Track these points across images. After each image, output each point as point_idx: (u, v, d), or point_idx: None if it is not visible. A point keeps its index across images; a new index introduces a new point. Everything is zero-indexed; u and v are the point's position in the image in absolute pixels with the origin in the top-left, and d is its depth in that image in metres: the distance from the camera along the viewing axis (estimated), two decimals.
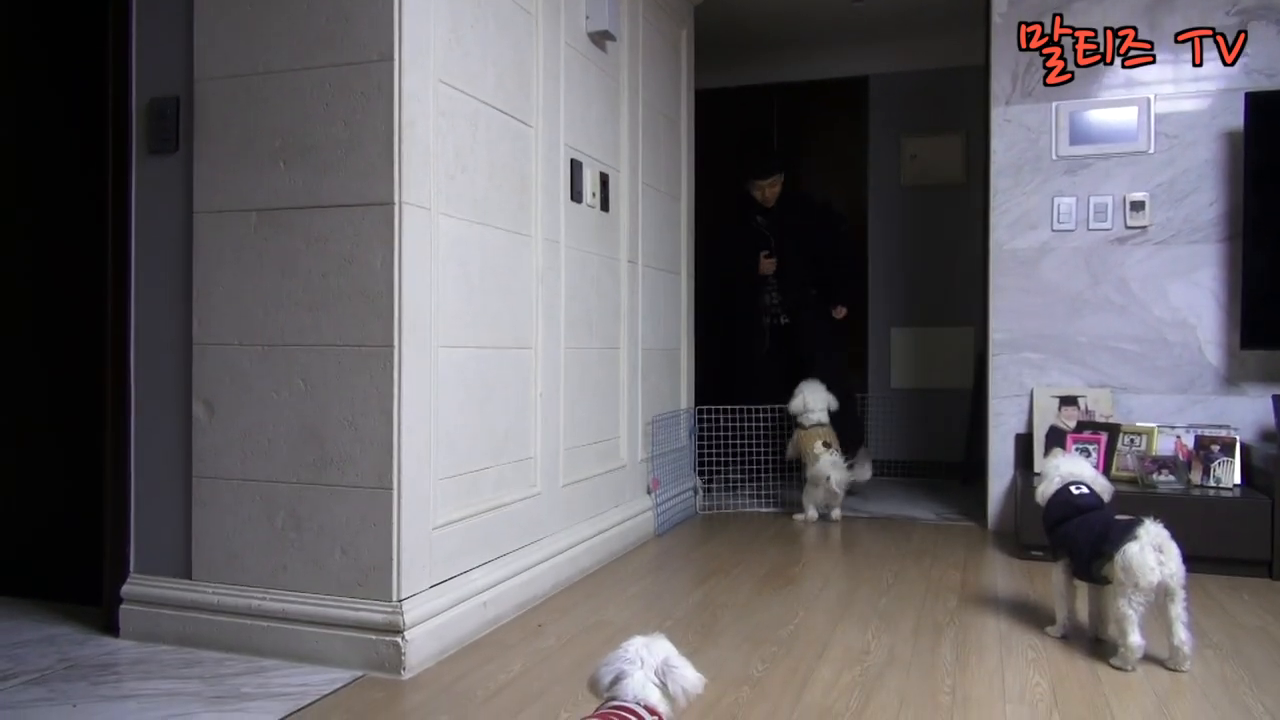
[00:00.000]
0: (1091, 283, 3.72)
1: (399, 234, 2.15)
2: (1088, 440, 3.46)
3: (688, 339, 4.21)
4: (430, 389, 2.27)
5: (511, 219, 2.69)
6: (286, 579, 2.24)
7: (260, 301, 2.27)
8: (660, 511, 3.74)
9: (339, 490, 2.19)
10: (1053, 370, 3.77)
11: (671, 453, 3.95)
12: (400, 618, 2.13)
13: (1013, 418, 3.81)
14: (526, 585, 2.68)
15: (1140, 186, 3.66)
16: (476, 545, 2.48)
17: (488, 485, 2.56)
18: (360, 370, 2.17)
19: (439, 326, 2.31)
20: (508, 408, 2.67)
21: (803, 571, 3.14)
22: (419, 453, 2.22)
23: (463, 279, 2.43)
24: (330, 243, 2.20)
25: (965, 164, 5.37)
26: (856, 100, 5.62)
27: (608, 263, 3.35)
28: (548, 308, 2.88)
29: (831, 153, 5.72)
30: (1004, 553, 3.44)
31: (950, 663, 2.24)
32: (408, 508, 2.18)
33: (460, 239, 2.42)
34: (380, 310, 2.15)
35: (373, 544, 2.16)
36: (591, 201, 3.19)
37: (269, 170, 2.25)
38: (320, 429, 2.21)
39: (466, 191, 2.45)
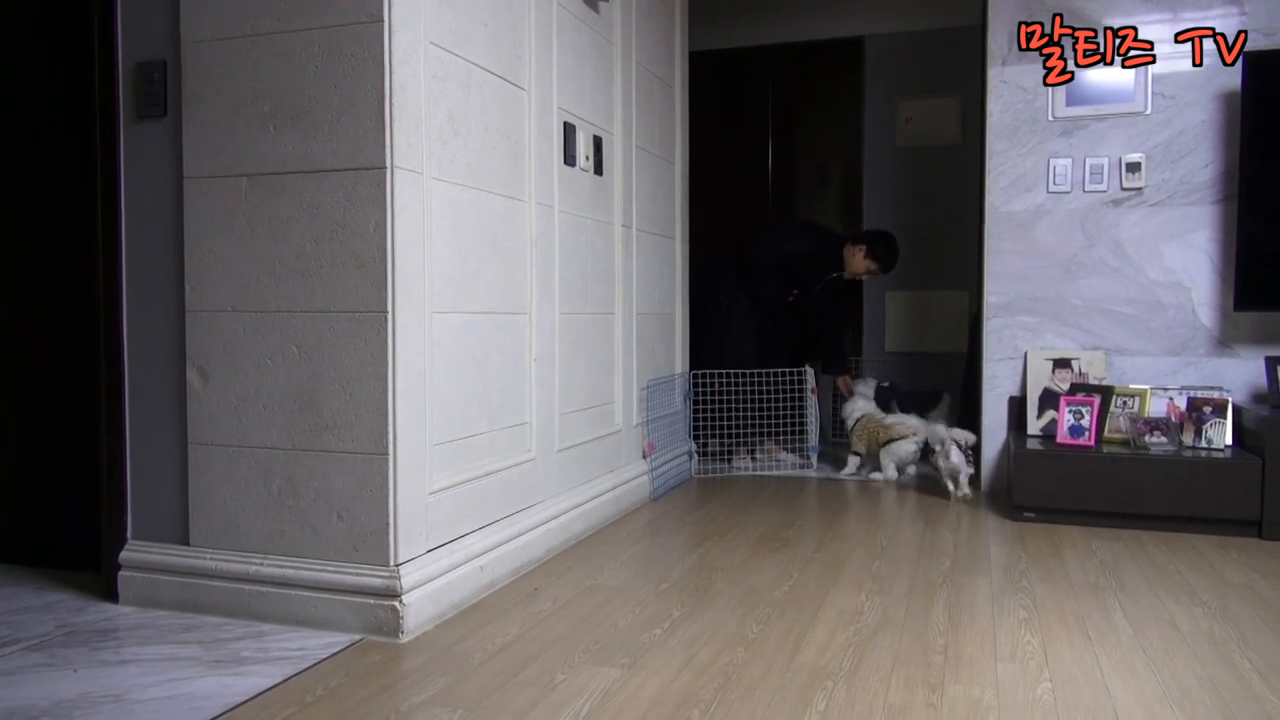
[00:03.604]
0: (1086, 245, 3.72)
1: (391, 198, 2.14)
2: (1081, 403, 3.48)
3: (682, 303, 4.21)
4: (424, 354, 2.27)
5: (505, 183, 2.67)
6: (284, 544, 2.25)
7: (252, 268, 2.26)
8: (655, 476, 3.76)
9: (335, 456, 2.20)
10: (1047, 333, 3.77)
11: (666, 417, 3.96)
12: (398, 582, 2.15)
13: (1007, 380, 3.83)
14: (522, 550, 2.70)
15: (1136, 148, 3.65)
16: (472, 510, 2.49)
17: (483, 450, 2.57)
18: (354, 336, 2.17)
19: (432, 291, 2.31)
20: (502, 373, 2.67)
21: (797, 535, 3.16)
22: (414, 418, 2.23)
23: (456, 244, 2.43)
24: (322, 208, 2.19)
25: (961, 126, 5.35)
26: (852, 61, 5.58)
27: (602, 227, 3.34)
28: (542, 272, 2.88)
29: (827, 115, 5.68)
30: (997, 514, 3.46)
31: (943, 623, 2.26)
32: (403, 473, 2.19)
33: (453, 203, 2.41)
34: (373, 275, 2.15)
35: (369, 509, 2.18)
36: (585, 165, 3.18)
37: (259, 135, 2.24)
38: (315, 395, 2.21)
39: (459, 155, 2.43)
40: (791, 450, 4.46)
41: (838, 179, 5.77)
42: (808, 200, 5.78)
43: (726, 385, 4.28)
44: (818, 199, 5.79)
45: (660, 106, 3.92)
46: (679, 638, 2.17)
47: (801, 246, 4.45)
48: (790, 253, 4.44)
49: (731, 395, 4.28)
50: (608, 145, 3.37)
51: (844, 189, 5.72)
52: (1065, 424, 3.48)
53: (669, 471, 3.94)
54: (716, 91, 5.63)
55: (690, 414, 4.24)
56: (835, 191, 5.78)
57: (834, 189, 5.79)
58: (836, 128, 5.67)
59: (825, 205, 5.76)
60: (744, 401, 4.30)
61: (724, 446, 4.46)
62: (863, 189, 5.58)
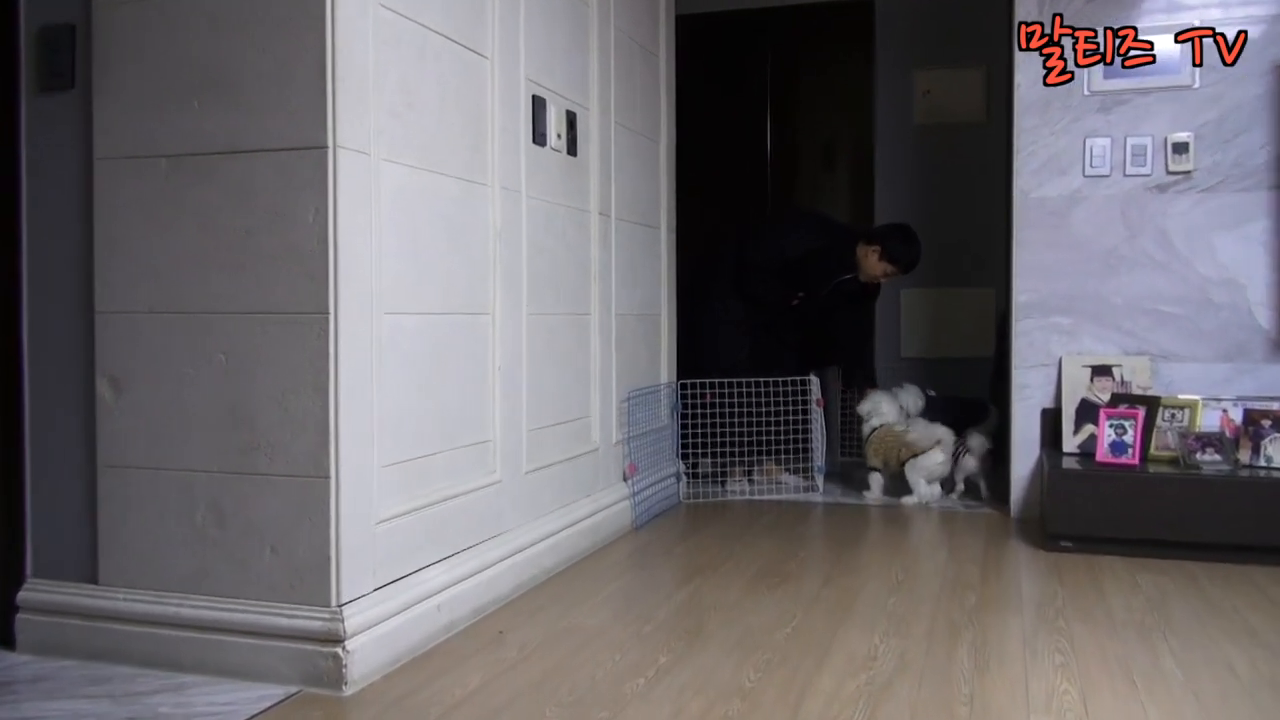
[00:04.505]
0: (1128, 236, 3.74)
1: (334, 183, 2.13)
2: (1123, 416, 3.50)
3: (669, 303, 4.21)
4: (372, 362, 2.26)
5: (465, 165, 2.67)
6: (209, 582, 2.24)
7: (173, 263, 2.24)
8: (638, 501, 3.76)
9: (268, 480, 2.18)
10: (1084, 336, 3.79)
11: (651, 433, 3.96)
12: (340, 625, 2.13)
13: (1039, 390, 3.84)
14: (485, 587, 2.68)
15: (1184, 126, 3.68)
16: (427, 542, 2.48)
17: (439, 473, 2.56)
18: (290, 341, 2.16)
19: (381, 290, 2.30)
20: (462, 383, 2.66)
21: (800, 568, 3.16)
22: (359, 436, 2.22)
23: (409, 234, 2.42)
24: (254, 193, 2.18)
25: (986, 100, 5.38)
26: (862, 28, 5.60)
27: (576, 215, 3.34)
28: (507, 267, 2.87)
29: (834, 88, 5.71)
30: (1029, 543, 3.48)
31: (968, 669, 2.26)
32: (347, 499, 2.18)
33: (405, 188, 2.40)
34: (313, 271, 2.14)
35: (307, 541, 2.16)
36: (557, 144, 3.17)
37: (182, 109, 2.22)
38: (245, 409, 2.20)
39: (412, 133, 2.43)
40: (794, 471, 4.46)
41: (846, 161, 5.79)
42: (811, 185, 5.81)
43: (720, 397, 4.28)
44: (823, 183, 5.81)
45: (643, 78, 3.92)
46: (665, 688, 2.16)
47: (806, 244, 4.45)
48: (793, 252, 4.44)
49: (725, 408, 4.28)
50: (583, 122, 3.37)
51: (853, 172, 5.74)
52: (1105, 440, 3.50)
53: (654, 496, 3.94)
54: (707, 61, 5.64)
55: (678, 430, 4.24)
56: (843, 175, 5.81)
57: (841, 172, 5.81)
58: (844, 103, 5.70)
59: (832, 190, 5.78)
60: (740, 416, 4.29)
61: (717, 467, 4.46)
62: (874, 172, 5.60)
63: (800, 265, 4.44)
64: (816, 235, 4.49)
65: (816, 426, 4.31)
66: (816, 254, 4.43)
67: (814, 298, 4.49)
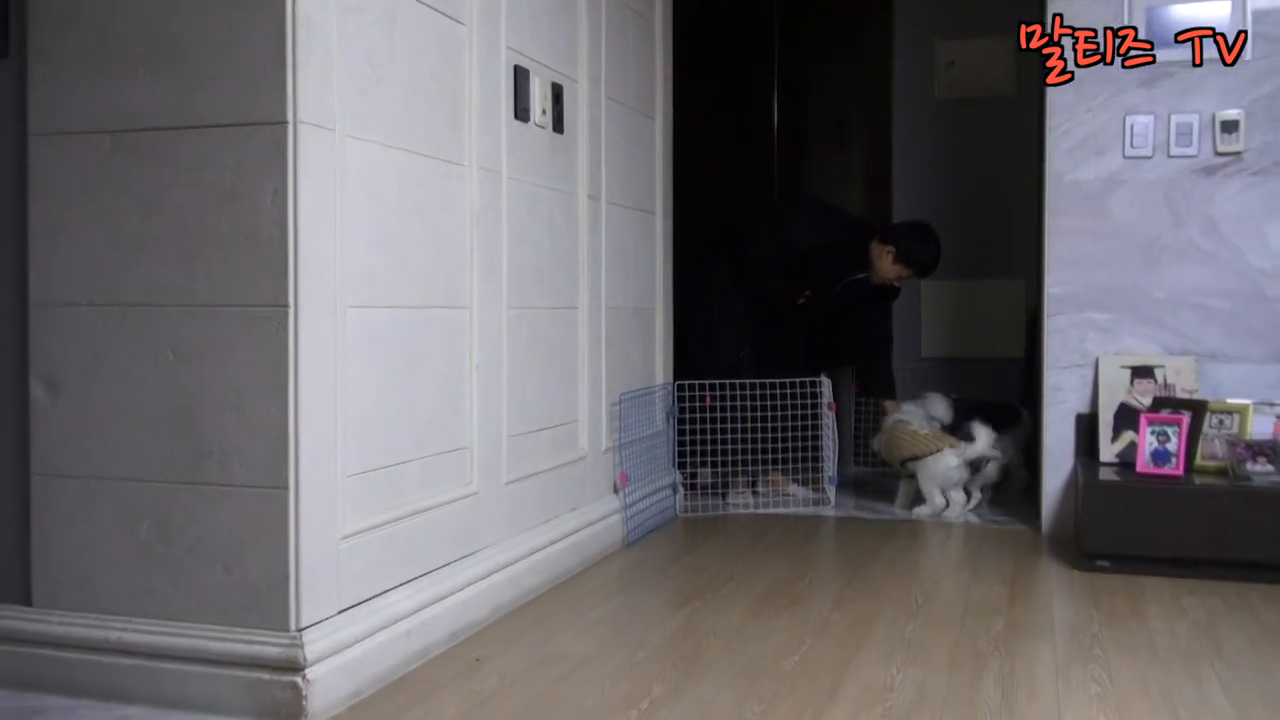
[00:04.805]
0: (1173, 223, 3.75)
1: (294, 162, 2.13)
2: (1166, 422, 3.50)
3: (665, 295, 4.21)
4: (336, 360, 2.26)
5: (439, 143, 2.67)
6: (155, 604, 2.23)
7: (117, 249, 2.24)
8: (631, 515, 3.76)
9: (220, 491, 2.18)
10: (1123, 334, 3.80)
11: (645, 440, 3.96)
12: (300, 651, 2.13)
13: (1073, 393, 3.85)
14: (461, 609, 2.69)
15: (1234, 102, 3.69)
16: (397, 559, 2.48)
17: (410, 483, 2.56)
18: (246, 337, 2.16)
19: (347, 280, 2.30)
20: (435, 385, 2.66)
21: (810, 589, 3.16)
22: (322, 442, 2.22)
23: (377, 219, 2.42)
24: (206, 173, 2.17)
25: (1015, 72, 5.38)
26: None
27: (562, 199, 3.34)
28: (486, 256, 2.87)
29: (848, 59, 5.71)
30: (1062, 563, 3.48)
31: (994, 702, 2.27)
32: (308, 512, 2.17)
33: (373, 168, 2.40)
34: (271, 260, 2.14)
35: (264, 559, 2.16)
36: (541, 120, 3.18)
37: (127, 80, 2.22)
38: (196, 413, 2.20)
39: (382, 108, 2.42)
40: (803, 482, 4.47)
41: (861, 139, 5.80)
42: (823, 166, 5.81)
43: (721, 400, 4.28)
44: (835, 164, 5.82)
45: (637, 47, 3.93)
46: None
47: (814, 239, 4.45)
48: (799, 247, 4.44)
49: (727, 413, 4.28)
50: (570, 95, 3.37)
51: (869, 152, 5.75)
52: (1147, 448, 3.51)
53: (648, 510, 3.94)
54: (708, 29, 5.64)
55: (675, 436, 4.24)
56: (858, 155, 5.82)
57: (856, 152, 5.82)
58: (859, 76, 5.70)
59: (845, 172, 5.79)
60: (743, 421, 4.30)
61: (718, 478, 4.46)
62: (892, 152, 5.61)
63: (807, 261, 4.44)
64: (826, 229, 4.48)
65: (828, 433, 4.32)
66: (825, 250, 4.43)
67: (822, 297, 4.49)
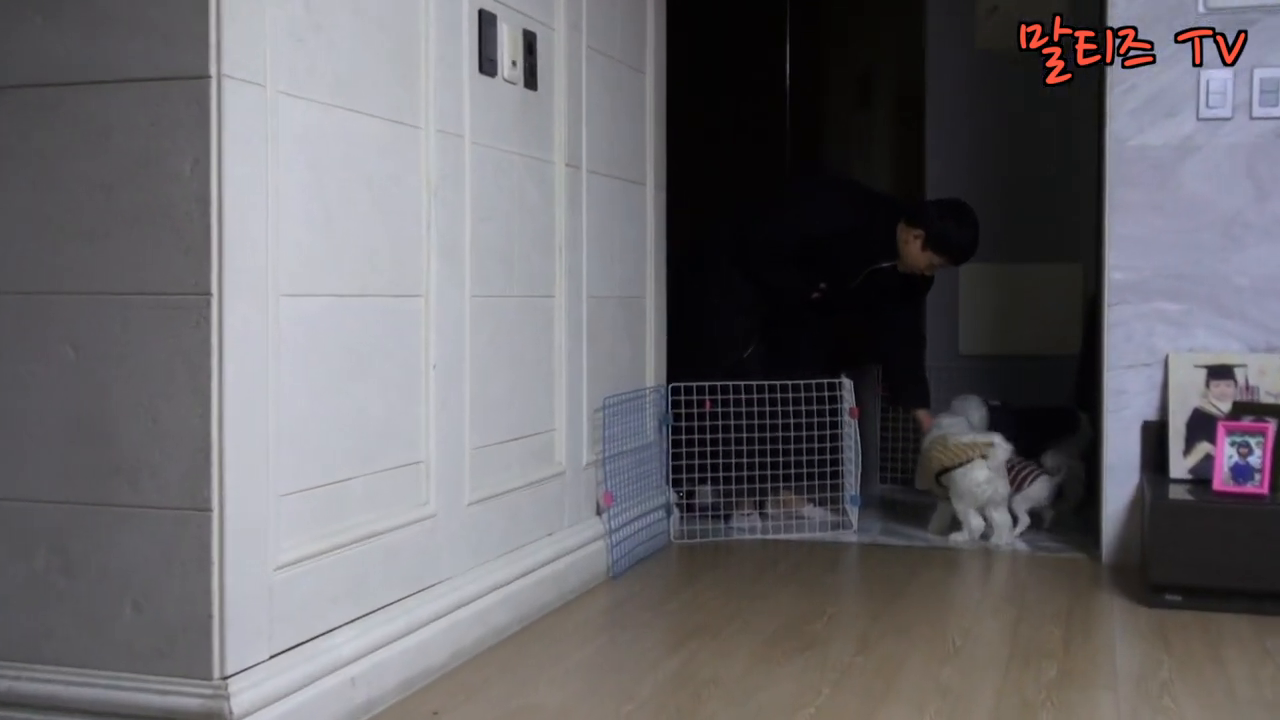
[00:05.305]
0: (1256, 197, 3.76)
1: (218, 123, 2.12)
2: (1248, 431, 3.51)
3: (657, 282, 4.21)
4: (267, 359, 2.25)
5: (390, 102, 2.66)
6: (53, 647, 2.22)
7: (6, 227, 2.23)
8: (617, 542, 3.76)
9: (130, 513, 2.18)
10: (1197, 328, 3.81)
11: (633, 453, 3.96)
12: (225, 703, 2.13)
13: (1138, 398, 3.86)
14: (416, 654, 2.68)
15: None
16: (340, 594, 2.48)
17: (356, 504, 2.56)
18: (161, 331, 2.15)
19: (280, 264, 2.29)
20: (385, 387, 2.66)
21: (828, 629, 3.17)
22: (251, 456, 2.21)
23: (317, 192, 2.41)
24: (113, 137, 2.16)
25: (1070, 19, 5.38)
26: None
27: (536, 167, 3.34)
28: (445, 236, 2.87)
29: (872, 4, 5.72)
30: (1125, 596, 3.49)
31: None
32: (234, 539, 2.17)
33: (312, 131, 2.40)
34: (190, 239, 2.13)
35: (182, 594, 2.15)
36: (511, 74, 3.17)
37: (18, 27, 2.21)
38: (100, 421, 2.19)
39: (321, 60, 2.42)
40: (821, 503, 4.47)
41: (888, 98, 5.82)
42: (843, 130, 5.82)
43: (723, 405, 4.28)
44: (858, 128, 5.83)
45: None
46: None
47: (830, 222, 4.45)
48: (813, 232, 4.44)
49: (730, 420, 4.28)
50: (545, 45, 3.37)
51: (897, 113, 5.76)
52: (1225, 462, 3.52)
53: (637, 535, 3.94)
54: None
55: (669, 448, 4.24)
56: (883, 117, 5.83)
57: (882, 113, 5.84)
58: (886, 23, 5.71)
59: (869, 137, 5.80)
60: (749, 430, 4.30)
61: (719, 497, 4.46)
62: (924, 114, 5.61)
63: (822, 249, 4.43)
64: (844, 210, 4.48)
65: (850, 444, 4.32)
66: (844, 235, 4.42)
67: (841, 289, 4.49)
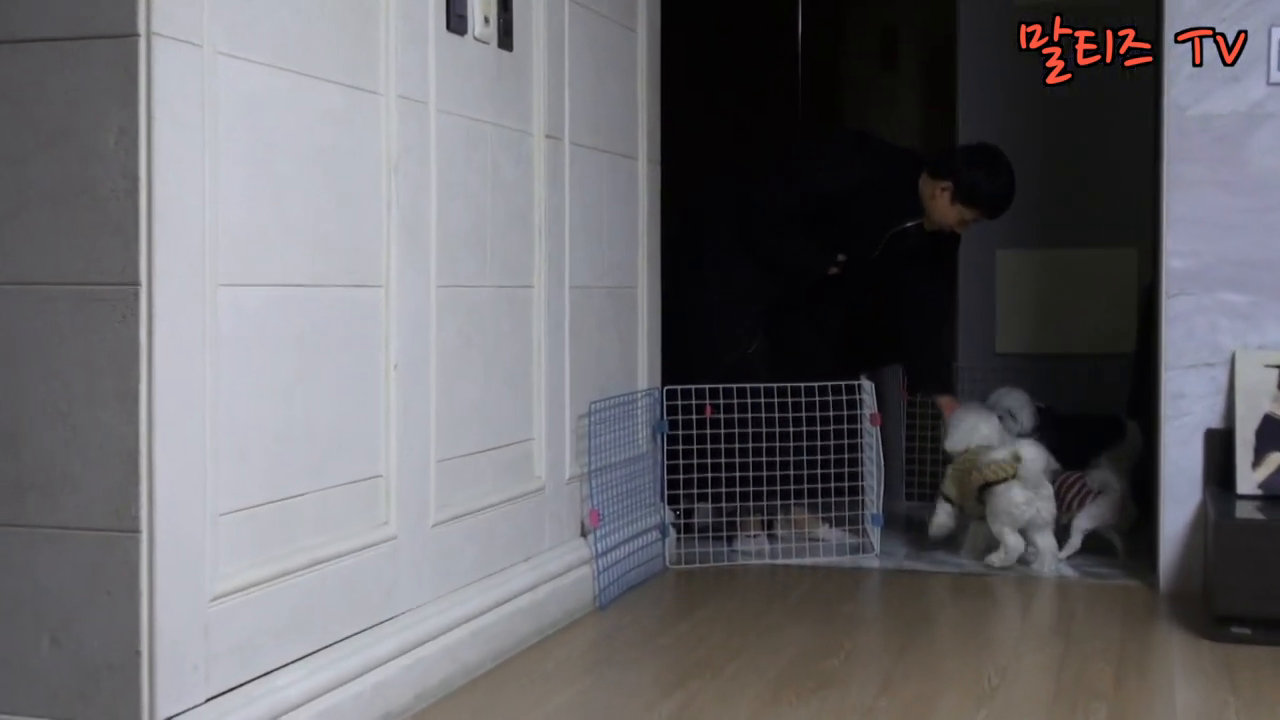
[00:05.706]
0: None
1: (147, 88, 2.11)
2: None
3: (650, 270, 4.21)
4: (204, 359, 2.25)
5: (345, 64, 2.66)
6: None
7: None
8: (605, 567, 3.76)
9: (46, 535, 2.17)
10: (1268, 321, 3.81)
11: (624, 464, 3.96)
12: None
13: (1201, 402, 3.86)
14: (374, 696, 2.68)
15: None
16: (287, 628, 2.47)
17: (305, 525, 2.56)
18: (82, 326, 2.15)
19: (219, 250, 2.29)
20: (340, 390, 2.66)
21: (846, 666, 3.17)
22: (185, 469, 2.21)
23: (261, 167, 2.41)
24: (27, 105, 2.17)
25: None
26: None
27: (512, 138, 3.34)
28: (408, 216, 2.87)
29: None
30: (1185, 629, 3.49)
31: None
32: (166, 564, 2.17)
33: (256, 97, 2.40)
34: (117, 221, 2.13)
35: (106, 627, 2.15)
36: (483, 32, 3.17)
37: None
38: (12, 429, 2.19)
39: (266, 16, 2.42)
40: (837, 523, 4.47)
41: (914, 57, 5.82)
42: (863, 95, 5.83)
43: (725, 411, 4.29)
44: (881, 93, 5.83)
45: None
46: None
47: (845, 177, 4.44)
48: (826, 190, 4.42)
49: (734, 428, 4.28)
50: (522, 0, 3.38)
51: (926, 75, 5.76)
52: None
53: (628, 559, 3.94)
54: None
55: (664, 460, 4.24)
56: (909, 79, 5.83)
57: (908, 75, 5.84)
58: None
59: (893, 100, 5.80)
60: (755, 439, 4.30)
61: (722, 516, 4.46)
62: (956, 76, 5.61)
63: (839, 210, 4.42)
64: (862, 165, 4.47)
65: (871, 455, 4.32)
66: (862, 193, 4.41)
67: (861, 260, 4.47)
